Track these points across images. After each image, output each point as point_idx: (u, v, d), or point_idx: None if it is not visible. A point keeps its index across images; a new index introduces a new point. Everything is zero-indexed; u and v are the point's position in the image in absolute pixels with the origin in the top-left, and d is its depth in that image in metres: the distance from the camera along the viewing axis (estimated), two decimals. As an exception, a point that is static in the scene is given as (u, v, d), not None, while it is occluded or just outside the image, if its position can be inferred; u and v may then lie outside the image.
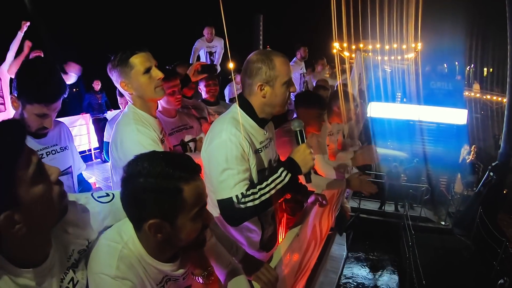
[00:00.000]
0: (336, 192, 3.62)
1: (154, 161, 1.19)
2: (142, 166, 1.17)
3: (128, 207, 1.25)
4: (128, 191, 1.21)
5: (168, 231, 1.22)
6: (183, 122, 3.10)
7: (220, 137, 1.94)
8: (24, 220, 0.95)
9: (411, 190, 14.04)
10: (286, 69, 2.01)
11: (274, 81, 1.98)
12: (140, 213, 1.21)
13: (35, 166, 0.97)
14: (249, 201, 1.86)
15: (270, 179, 1.91)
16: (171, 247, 1.32)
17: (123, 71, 2.14)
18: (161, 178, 1.17)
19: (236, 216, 1.90)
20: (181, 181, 1.19)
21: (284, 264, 2.26)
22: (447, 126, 18.15)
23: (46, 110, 1.95)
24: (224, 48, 7.89)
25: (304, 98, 3.50)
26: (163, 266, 1.34)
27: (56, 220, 1.10)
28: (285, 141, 3.04)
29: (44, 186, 1.00)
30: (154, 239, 1.24)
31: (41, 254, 1.11)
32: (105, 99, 9.39)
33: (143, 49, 2.16)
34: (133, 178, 1.18)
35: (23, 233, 0.96)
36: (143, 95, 2.20)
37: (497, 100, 24.74)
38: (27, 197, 0.95)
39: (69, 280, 1.20)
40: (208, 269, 1.51)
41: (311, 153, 1.95)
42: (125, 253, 1.25)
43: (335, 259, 5.17)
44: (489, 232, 10.82)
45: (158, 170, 1.17)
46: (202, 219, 1.29)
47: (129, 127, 2.14)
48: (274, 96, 2.01)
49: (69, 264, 1.22)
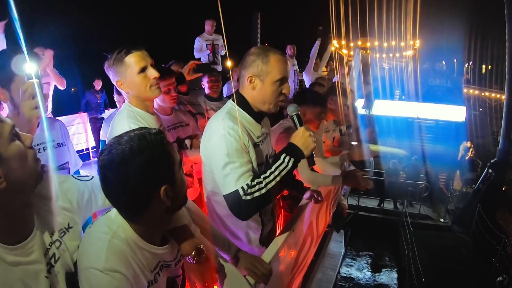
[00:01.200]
0: (333, 188, 3.62)
1: (131, 139, 1.21)
2: (124, 150, 1.19)
3: (124, 196, 1.24)
4: (122, 180, 1.20)
5: (173, 191, 1.26)
6: (179, 119, 3.10)
7: (218, 132, 1.93)
8: (4, 175, 1.04)
9: (410, 188, 14.04)
10: (280, 67, 1.99)
11: (265, 76, 1.97)
12: (145, 190, 1.23)
13: (10, 127, 1.08)
14: (256, 191, 1.85)
15: (273, 167, 1.89)
16: (173, 210, 1.37)
17: (119, 70, 2.15)
18: (151, 148, 1.21)
19: (245, 209, 1.88)
20: (163, 143, 1.26)
21: (280, 260, 2.26)
22: (446, 123, 18.16)
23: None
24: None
25: (306, 96, 3.49)
26: (157, 250, 1.35)
27: (33, 183, 1.16)
28: (283, 137, 3.04)
29: (20, 146, 1.10)
30: (155, 217, 1.29)
31: (25, 228, 1.16)
32: (105, 97, 9.40)
33: (139, 48, 2.17)
34: (122, 165, 1.19)
35: (3, 188, 1.03)
36: (138, 94, 2.21)
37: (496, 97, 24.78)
38: (5, 152, 1.05)
39: (51, 255, 1.23)
40: (198, 248, 1.49)
41: (311, 135, 1.93)
42: (115, 242, 1.24)
43: (333, 256, 5.17)
44: (488, 229, 10.83)
45: (143, 144, 1.21)
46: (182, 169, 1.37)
47: (122, 125, 2.15)
48: (263, 91, 2.01)
49: (52, 239, 1.25)
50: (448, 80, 20.94)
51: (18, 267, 1.10)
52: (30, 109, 1.64)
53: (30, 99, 1.62)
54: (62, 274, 1.25)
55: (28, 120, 1.64)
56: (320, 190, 2.79)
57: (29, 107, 1.63)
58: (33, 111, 1.64)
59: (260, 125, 2.17)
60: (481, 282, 9.94)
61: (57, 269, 1.23)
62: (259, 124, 2.15)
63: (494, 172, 12.54)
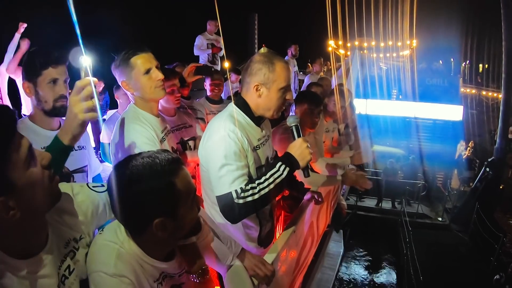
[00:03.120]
0: (332, 189, 3.64)
1: (138, 165, 1.20)
2: (129, 174, 1.19)
3: (124, 215, 1.26)
4: (122, 201, 1.22)
5: (173, 225, 1.24)
6: (182, 120, 3.11)
7: (219, 133, 1.95)
8: (18, 205, 0.96)
9: (408, 187, 14.10)
10: (285, 75, 2.03)
11: (271, 84, 2.00)
12: (141, 218, 1.23)
13: (27, 150, 0.98)
14: (249, 195, 1.87)
15: (268, 174, 1.93)
16: (175, 239, 1.35)
17: (125, 71, 2.18)
18: (153, 179, 1.19)
19: (236, 212, 1.90)
20: (171, 176, 1.22)
21: (281, 261, 2.28)
22: (443, 122, 18.25)
23: (55, 73, 1.99)
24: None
25: (297, 95, 3.55)
26: (160, 264, 1.35)
27: (50, 205, 1.11)
28: (283, 138, 3.07)
29: (37, 172, 1.01)
30: (159, 238, 1.25)
31: (38, 242, 1.12)
32: (107, 99, 9.42)
33: (144, 50, 2.19)
34: (124, 188, 1.20)
35: (18, 218, 0.97)
36: (143, 95, 2.23)
37: (493, 96, 24.88)
38: (20, 181, 0.96)
39: (66, 267, 1.21)
40: (203, 268, 1.52)
41: (308, 147, 1.97)
42: (122, 251, 1.26)
43: (332, 256, 5.20)
44: (486, 227, 10.87)
45: (147, 172, 1.19)
46: (196, 204, 1.33)
47: (126, 126, 2.17)
48: (269, 99, 2.04)
49: (66, 251, 1.23)
50: (445, 80, 21.05)
51: (31, 280, 1.07)
52: (86, 111, 1.43)
53: (88, 99, 1.42)
54: (77, 285, 1.25)
55: (79, 124, 1.46)
56: (320, 191, 2.82)
57: (86, 108, 1.42)
58: (89, 114, 1.43)
59: (260, 128, 2.20)
60: (479, 280, 9.98)
61: (71, 281, 1.22)
62: (259, 127, 2.18)
63: (492, 170, 12.61)
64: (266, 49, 9.59)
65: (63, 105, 2.02)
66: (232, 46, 5.00)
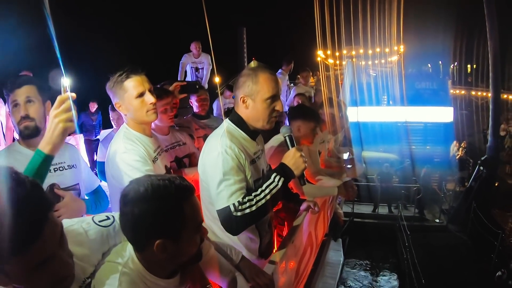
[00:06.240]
0: (328, 198, 3.68)
1: (150, 185, 1.24)
2: (139, 192, 1.23)
3: (130, 232, 1.30)
4: (128, 217, 1.26)
5: (173, 248, 1.27)
6: (176, 139, 3.15)
7: (216, 149, 2.02)
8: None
9: (403, 191, 14.16)
10: (270, 85, 2.08)
11: (255, 95, 2.07)
12: (144, 236, 1.26)
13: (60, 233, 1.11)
14: (246, 208, 1.93)
15: (264, 185, 1.99)
16: (173, 263, 1.38)
17: (118, 93, 2.24)
18: (163, 199, 1.23)
19: (235, 225, 1.96)
20: (181, 199, 1.27)
21: (281, 272, 2.31)
22: (435, 125, 18.37)
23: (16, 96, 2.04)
24: (211, 64, 7.98)
25: (300, 111, 3.58)
26: (162, 282, 1.39)
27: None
28: (278, 151, 3.11)
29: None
30: (158, 258, 1.29)
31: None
32: (100, 119, 9.47)
33: (138, 72, 2.24)
34: (132, 204, 1.24)
35: None
36: (135, 117, 2.29)
37: (482, 95, 25.11)
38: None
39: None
40: (207, 286, 1.56)
41: (302, 156, 2.03)
42: (126, 271, 1.30)
43: (332, 265, 5.20)
44: (484, 225, 10.92)
45: (161, 191, 1.23)
46: (200, 233, 1.36)
47: (118, 146, 2.23)
48: (255, 110, 2.10)
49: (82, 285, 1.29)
50: (434, 82, 21.26)
51: None
52: (66, 121, 1.59)
53: (68, 111, 1.58)
54: None
55: (60, 133, 1.60)
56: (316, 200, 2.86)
57: (66, 119, 1.58)
58: (68, 124, 1.59)
59: (255, 142, 2.26)
60: (482, 278, 9.99)
61: None
62: (254, 141, 2.24)
63: (485, 168, 12.72)
64: (256, 62, 9.66)
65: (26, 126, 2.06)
66: (222, 61, 5.05)
